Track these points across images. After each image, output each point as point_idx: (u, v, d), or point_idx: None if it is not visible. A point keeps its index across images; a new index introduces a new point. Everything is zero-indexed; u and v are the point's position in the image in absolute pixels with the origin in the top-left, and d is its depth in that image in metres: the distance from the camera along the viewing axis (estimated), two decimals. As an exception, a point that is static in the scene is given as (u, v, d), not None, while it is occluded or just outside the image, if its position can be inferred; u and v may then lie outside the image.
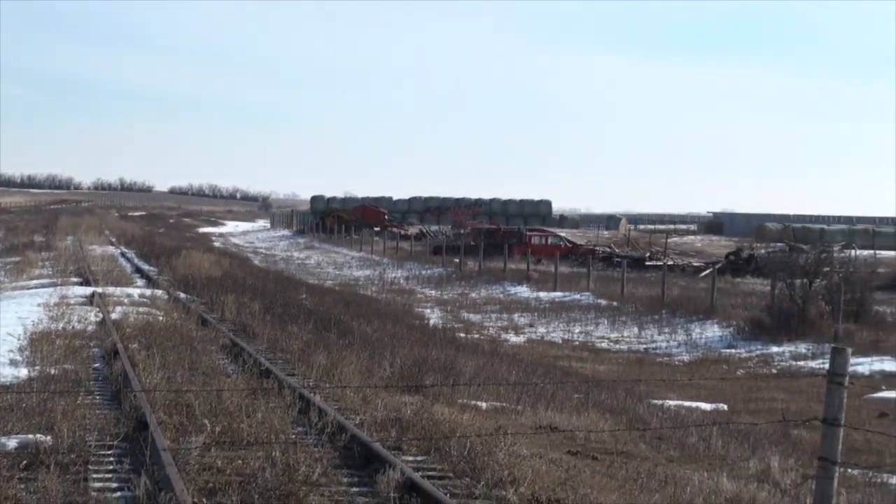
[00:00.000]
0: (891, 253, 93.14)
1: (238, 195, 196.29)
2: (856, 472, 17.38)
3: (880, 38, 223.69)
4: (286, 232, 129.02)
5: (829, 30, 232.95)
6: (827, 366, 11.59)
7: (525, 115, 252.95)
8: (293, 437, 15.48)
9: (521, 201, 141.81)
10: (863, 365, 32.59)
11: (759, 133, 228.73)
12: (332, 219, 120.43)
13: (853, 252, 59.31)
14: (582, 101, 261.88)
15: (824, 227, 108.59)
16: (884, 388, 30.35)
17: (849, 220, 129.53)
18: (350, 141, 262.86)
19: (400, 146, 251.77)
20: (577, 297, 54.47)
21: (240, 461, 13.64)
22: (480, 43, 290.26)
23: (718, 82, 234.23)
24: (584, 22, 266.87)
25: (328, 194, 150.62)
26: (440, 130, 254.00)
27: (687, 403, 26.20)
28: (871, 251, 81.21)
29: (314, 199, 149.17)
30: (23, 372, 20.94)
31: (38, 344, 24.12)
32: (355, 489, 13.13)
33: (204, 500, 11.94)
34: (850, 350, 11.98)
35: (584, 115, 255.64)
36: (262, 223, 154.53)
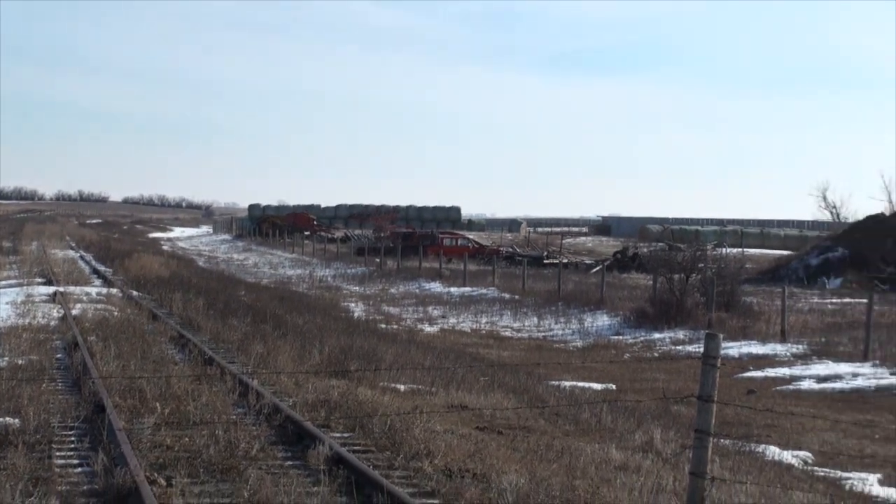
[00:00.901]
0: (756, 250, 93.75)
1: (184, 204, 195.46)
2: (727, 442, 17.56)
3: (752, 55, 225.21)
4: (227, 236, 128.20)
5: (706, 47, 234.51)
6: (702, 350, 11.80)
7: (438, 130, 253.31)
8: (234, 417, 15.57)
9: (434, 207, 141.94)
10: (733, 348, 32.90)
11: (642, 143, 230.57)
12: (268, 224, 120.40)
13: (724, 250, 59.63)
14: (487, 116, 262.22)
15: (699, 228, 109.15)
16: (751, 368, 30.70)
17: (720, 222, 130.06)
18: (283, 154, 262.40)
19: (327, 159, 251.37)
20: (484, 291, 54.54)
21: (187, 439, 13.73)
22: (392, 64, 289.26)
23: (609, 98, 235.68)
24: (485, 42, 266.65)
25: (264, 202, 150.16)
26: (362, 144, 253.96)
27: (580, 384, 26.38)
28: (740, 249, 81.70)
29: (251, 206, 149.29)
30: (-7, 362, 20.93)
31: (6, 337, 24.11)
32: (289, 463, 13.26)
33: (155, 473, 12.03)
34: (721, 336, 12.23)
35: (489, 128, 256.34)
36: (205, 229, 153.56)
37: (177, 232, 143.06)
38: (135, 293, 37.97)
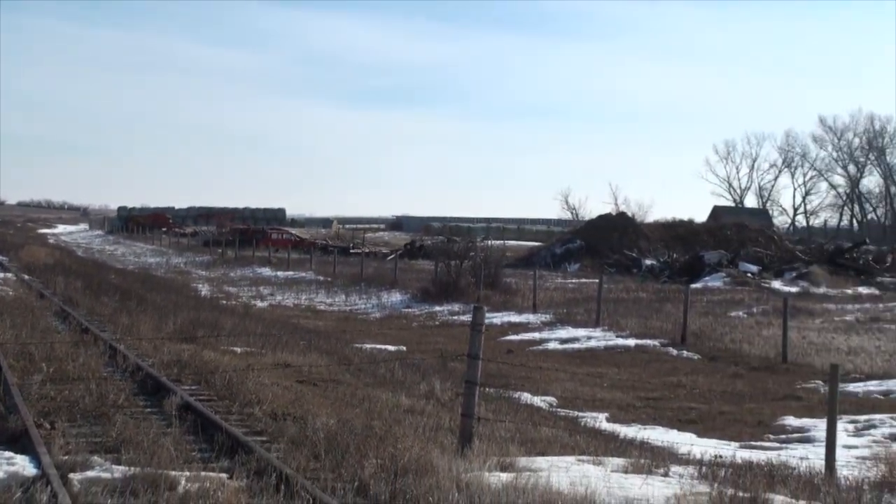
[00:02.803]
0: (514, 242, 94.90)
1: (66, 206, 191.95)
2: (491, 390, 17.63)
3: (513, 91, 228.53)
4: (100, 232, 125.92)
5: (480, 87, 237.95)
6: (471, 319, 11.99)
7: (268, 147, 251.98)
8: (105, 374, 15.37)
9: (264, 209, 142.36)
10: (496, 318, 33.26)
11: (428, 160, 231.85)
12: (133, 222, 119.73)
13: (489, 242, 60.30)
14: (306, 137, 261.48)
15: (470, 225, 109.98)
16: (510, 333, 31.10)
17: (487, 220, 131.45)
18: (144, 165, 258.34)
19: (181, 169, 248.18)
20: (304, 274, 54.47)
21: (67, 392, 13.51)
22: (230, 96, 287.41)
23: (397, 125, 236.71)
24: (307, 79, 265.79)
25: (130, 205, 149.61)
26: (209, 158, 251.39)
27: (378, 346, 26.51)
28: (501, 241, 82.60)
29: (120, 208, 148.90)
30: None
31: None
32: (149, 409, 13.14)
33: (42, 419, 11.86)
34: (485, 308, 12.41)
35: (307, 146, 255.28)
36: (83, 226, 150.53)
37: (60, 229, 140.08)
38: (26, 277, 37.14)
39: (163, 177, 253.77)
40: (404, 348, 26.46)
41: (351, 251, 76.40)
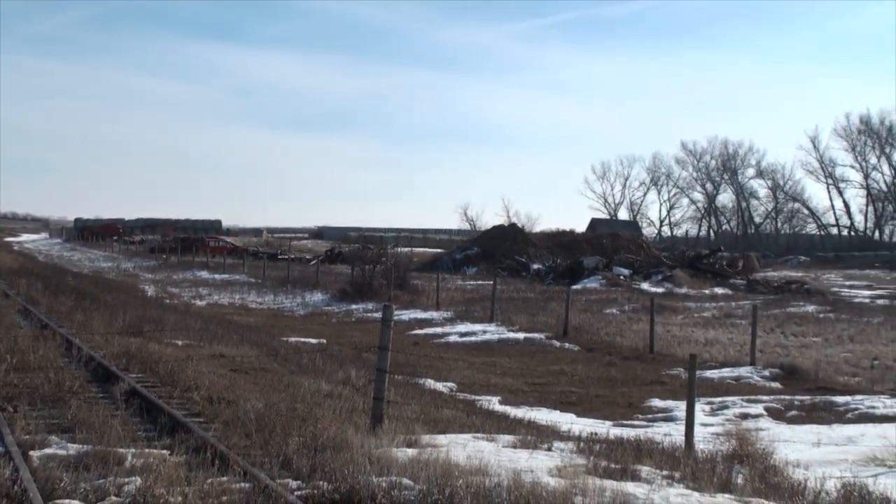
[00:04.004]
0: (421, 249, 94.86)
1: (29, 218, 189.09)
2: (399, 377, 17.66)
3: (417, 119, 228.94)
4: (59, 240, 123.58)
5: (393, 115, 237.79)
6: (382, 316, 12.02)
7: (205, 166, 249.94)
8: (62, 364, 15.16)
9: (203, 220, 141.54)
10: (404, 315, 33.26)
11: (343, 176, 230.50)
12: (88, 232, 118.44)
13: (398, 249, 60.36)
14: (243, 157, 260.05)
15: (382, 234, 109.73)
16: (416, 328, 31.09)
17: (397, 230, 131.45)
18: (96, 181, 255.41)
19: (131, 186, 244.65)
20: (237, 277, 54.03)
21: (28, 379, 13.33)
22: (176, 120, 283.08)
23: (316, 149, 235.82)
24: (243, 108, 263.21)
25: (85, 216, 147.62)
26: (152, 173, 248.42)
27: (302, 339, 26.38)
28: (409, 248, 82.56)
29: (76, 219, 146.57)
30: None
31: None
32: (100, 395, 13.01)
33: (6, 403, 11.70)
34: (394, 306, 12.46)
35: (243, 166, 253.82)
36: (44, 235, 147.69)
37: (24, 237, 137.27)
38: (-9, 279, 36.58)
39: (114, 192, 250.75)
40: (325, 341, 26.36)
41: (278, 257, 75.96)
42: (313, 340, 26.29)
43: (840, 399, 18.52)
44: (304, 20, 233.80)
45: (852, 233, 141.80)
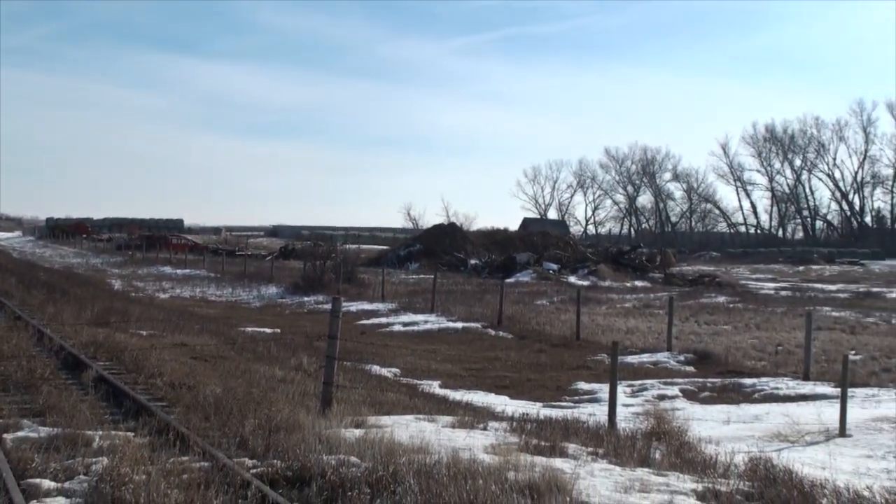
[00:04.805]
0: (368, 246, 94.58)
1: (3, 217, 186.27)
2: (347, 363, 17.61)
3: (363, 126, 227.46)
4: (32, 238, 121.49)
5: (337, 122, 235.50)
6: (331, 307, 11.97)
7: (167, 169, 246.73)
8: (34, 353, 14.95)
9: (167, 219, 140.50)
10: (353, 306, 33.20)
11: (296, 179, 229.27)
12: (59, 230, 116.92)
13: (347, 246, 60.21)
14: (205, 162, 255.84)
15: (332, 233, 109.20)
16: (363, 318, 31.01)
17: (346, 229, 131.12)
18: (69, 180, 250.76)
19: (98, 187, 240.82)
20: (198, 272, 53.57)
21: (2, 367, 13.14)
22: (146, 126, 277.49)
23: (277, 154, 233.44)
24: (207, 115, 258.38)
25: (56, 215, 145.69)
26: (119, 175, 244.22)
27: (258, 329, 26.22)
28: (357, 245, 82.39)
29: (48, 218, 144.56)
30: None
31: None
32: (70, 381, 12.85)
33: (-19, 390, 11.58)
34: (343, 299, 12.46)
35: (204, 169, 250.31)
36: (17, 233, 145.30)
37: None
38: (-34, 274, 35.96)
39: (84, 193, 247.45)
40: (279, 331, 26.24)
41: (236, 253, 75.47)
42: (268, 330, 26.16)
43: (747, 381, 18.74)
44: (260, 35, 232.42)
45: (758, 231, 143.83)
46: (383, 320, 30.60)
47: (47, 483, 7.48)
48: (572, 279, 52.14)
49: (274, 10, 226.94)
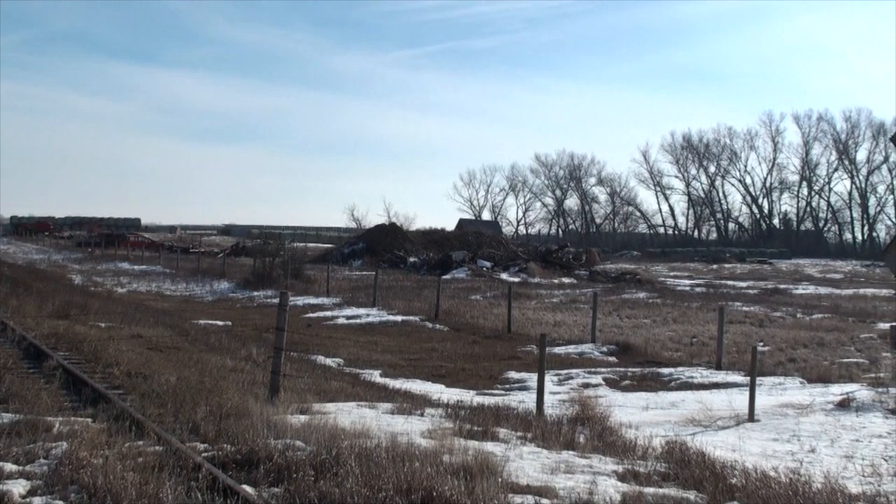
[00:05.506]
0: (314, 244, 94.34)
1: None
2: (294, 354, 17.58)
3: (310, 132, 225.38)
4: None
5: (285, 127, 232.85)
6: (279, 301, 11.94)
7: (125, 170, 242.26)
8: (-5, 344, 14.84)
9: (125, 218, 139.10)
10: (299, 300, 33.01)
11: (247, 181, 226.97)
12: (22, 228, 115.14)
13: (294, 244, 59.91)
14: (160, 164, 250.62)
15: (281, 231, 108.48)
16: (309, 312, 30.83)
17: (294, 228, 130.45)
18: (31, 181, 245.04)
19: (59, 186, 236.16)
20: (154, 268, 53.03)
21: (-35, 358, 13.01)
22: (101, 132, 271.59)
23: (230, 159, 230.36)
24: (161, 122, 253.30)
25: (20, 214, 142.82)
26: (80, 176, 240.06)
27: (210, 322, 25.99)
28: (304, 243, 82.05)
29: (12, 217, 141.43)
30: None
31: None
32: (32, 370, 12.70)
33: (-55, 379, 11.38)
34: (290, 293, 12.39)
35: (159, 170, 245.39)
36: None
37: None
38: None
39: (46, 193, 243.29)
40: (230, 323, 26.06)
41: (190, 251, 74.72)
42: (220, 323, 25.97)
43: (665, 370, 18.93)
44: (214, 47, 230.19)
45: (676, 232, 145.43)
46: (328, 314, 30.47)
47: (9, 466, 7.39)
48: (504, 276, 52.34)
49: (227, 23, 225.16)
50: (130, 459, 7.46)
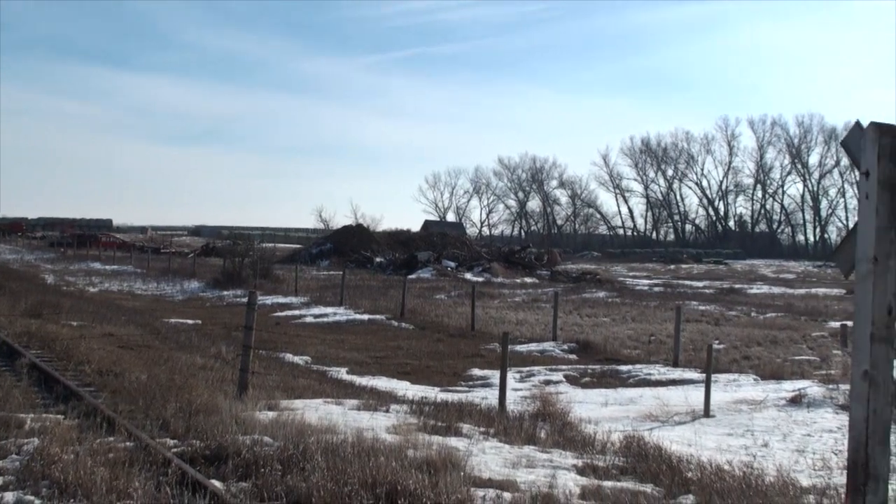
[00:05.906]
0: (283, 245, 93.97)
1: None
2: (263, 352, 17.52)
3: (280, 135, 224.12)
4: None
5: (256, 130, 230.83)
6: (247, 300, 11.90)
7: (98, 173, 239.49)
8: (-33, 343, 14.68)
9: (97, 219, 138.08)
10: (268, 300, 32.87)
11: (217, 182, 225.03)
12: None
13: (263, 244, 59.71)
14: (139, 166, 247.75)
15: (251, 232, 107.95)
16: (278, 311, 30.70)
17: (263, 229, 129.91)
18: (4, 182, 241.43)
19: (32, 187, 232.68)
20: (126, 268, 52.58)
21: (-63, 356, 12.86)
22: (81, 134, 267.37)
23: (213, 161, 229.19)
24: (144, 125, 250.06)
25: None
26: (52, 176, 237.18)
27: (181, 320, 25.82)
28: (273, 244, 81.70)
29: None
30: None
31: None
32: (4, 368, 12.60)
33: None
34: (258, 293, 12.37)
35: (136, 171, 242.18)
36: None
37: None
38: None
39: (19, 194, 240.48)
40: (200, 322, 25.90)
41: (161, 251, 74.18)
42: (190, 321, 25.81)
43: (624, 367, 19.04)
44: (187, 52, 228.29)
45: (635, 233, 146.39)
46: (296, 312, 30.37)
47: (-20, 463, 7.33)
48: (468, 276, 52.44)
49: (198, 28, 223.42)
50: (101, 455, 7.41)
